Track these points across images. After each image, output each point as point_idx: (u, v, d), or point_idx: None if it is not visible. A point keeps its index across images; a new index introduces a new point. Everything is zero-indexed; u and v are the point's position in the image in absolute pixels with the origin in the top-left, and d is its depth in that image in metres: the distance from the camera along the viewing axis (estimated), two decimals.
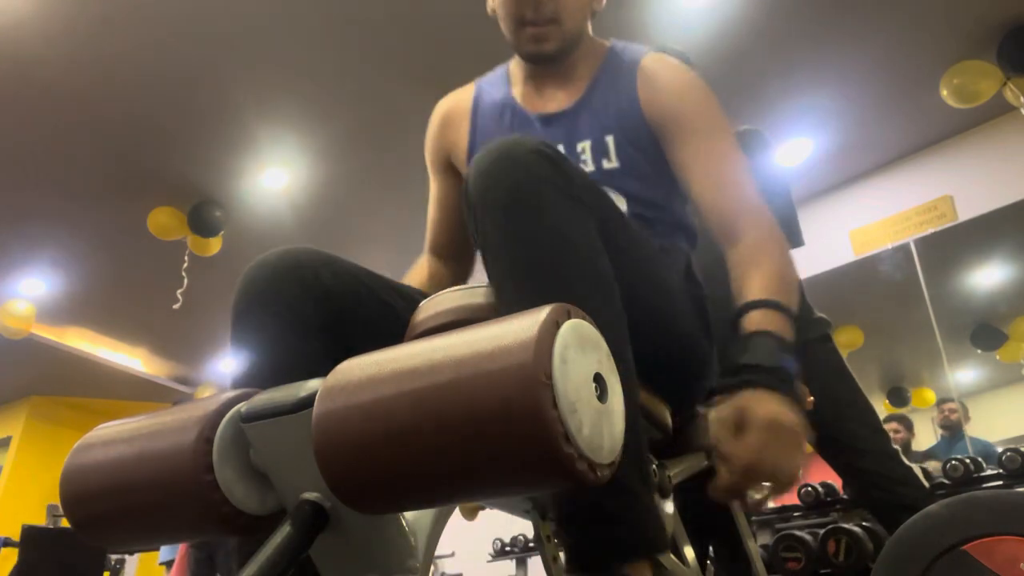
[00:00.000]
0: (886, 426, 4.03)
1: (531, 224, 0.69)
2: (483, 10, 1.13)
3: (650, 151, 1.02)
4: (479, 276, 1.22)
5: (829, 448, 1.80)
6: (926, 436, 3.84)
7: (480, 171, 0.73)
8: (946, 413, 3.68)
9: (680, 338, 0.90)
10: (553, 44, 1.04)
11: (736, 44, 3.23)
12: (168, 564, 4.06)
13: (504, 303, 0.71)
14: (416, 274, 1.21)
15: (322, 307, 0.82)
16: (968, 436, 3.64)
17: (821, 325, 1.87)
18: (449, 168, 1.19)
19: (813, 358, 1.78)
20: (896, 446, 1.76)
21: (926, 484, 1.74)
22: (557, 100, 1.08)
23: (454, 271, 1.22)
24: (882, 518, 1.79)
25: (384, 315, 0.89)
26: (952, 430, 3.66)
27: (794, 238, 1.85)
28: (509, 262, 0.70)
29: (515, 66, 1.15)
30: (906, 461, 1.74)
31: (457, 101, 1.19)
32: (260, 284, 0.82)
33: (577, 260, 0.69)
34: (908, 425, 3.68)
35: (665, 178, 1.03)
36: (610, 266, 0.72)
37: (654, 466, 0.81)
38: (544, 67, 1.09)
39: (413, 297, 0.94)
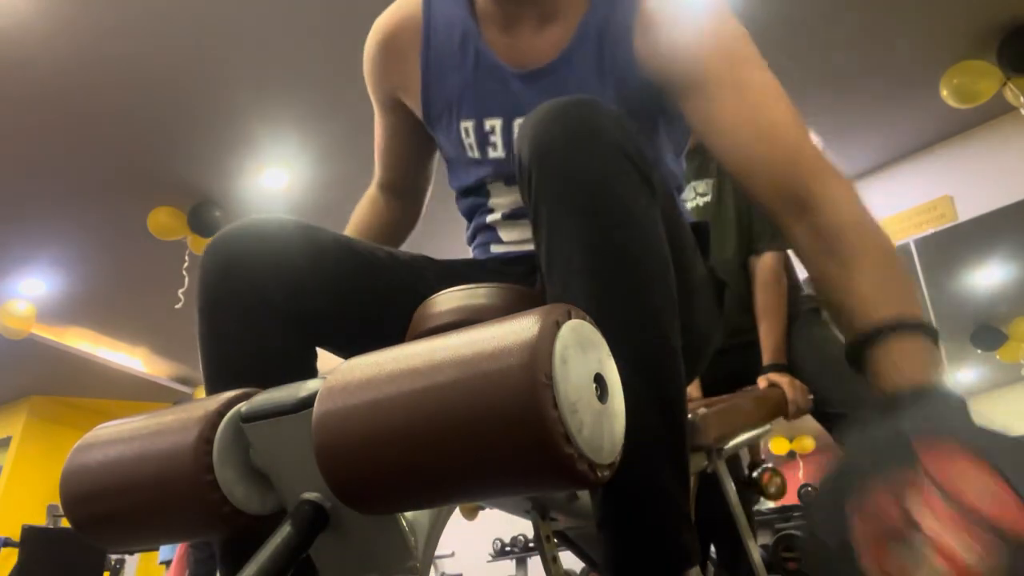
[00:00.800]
0: None
1: (616, 235, 0.60)
2: None
3: (651, 109, 0.86)
4: (432, 215, 1.18)
5: (840, 424, 1.76)
6: None
7: (550, 154, 0.61)
8: None
9: (698, 336, 0.81)
10: None
11: None
12: (168, 563, 4.07)
13: (555, 290, 0.63)
14: (365, 212, 1.12)
15: (297, 295, 0.76)
16: None
17: (811, 300, 1.84)
18: (398, 106, 1.00)
19: (810, 333, 1.75)
20: None
21: None
22: (537, 50, 0.87)
23: (405, 209, 1.14)
24: None
25: (368, 299, 0.84)
26: None
27: None
28: (589, 275, 0.60)
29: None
30: None
31: (401, 20, 0.96)
32: (231, 277, 0.74)
33: (658, 276, 0.61)
34: None
35: (662, 134, 0.89)
36: (674, 271, 0.64)
37: None
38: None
39: (402, 275, 0.88)
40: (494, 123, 0.89)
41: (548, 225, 0.62)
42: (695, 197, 1.90)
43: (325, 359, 0.82)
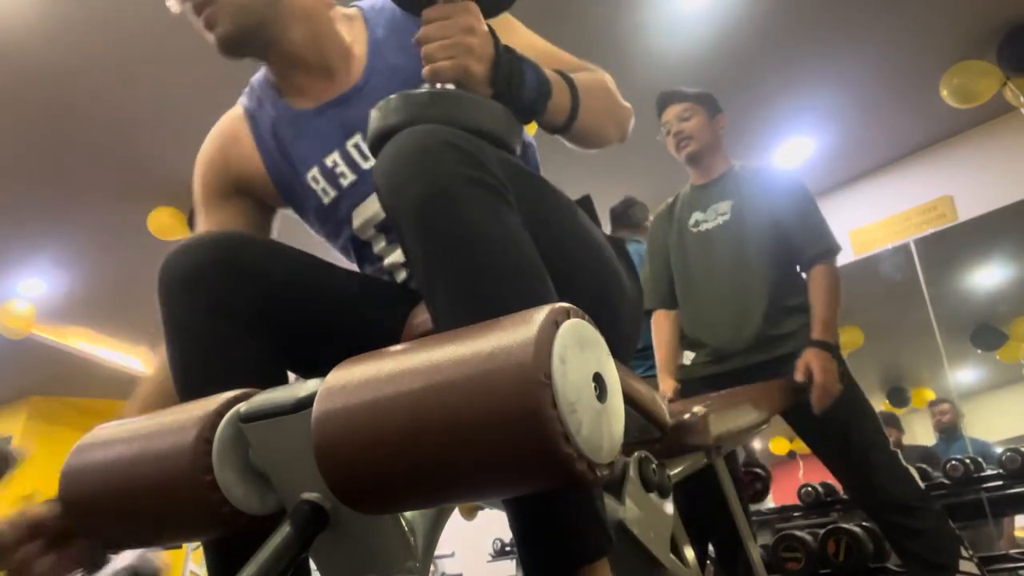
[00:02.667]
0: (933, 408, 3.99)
1: (448, 229, 0.62)
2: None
3: None
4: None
5: (831, 451, 1.80)
6: (926, 437, 3.84)
7: (389, 171, 0.65)
8: (938, 416, 3.67)
9: (619, 291, 0.83)
10: (223, 27, 0.89)
11: (736, 44, 3.23)
12: None
13: (435, 314, 0.65)
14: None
15: (260, 301, 0.77)
16: (969, 437, 3.64)
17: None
18: (242, 193, 1.03)
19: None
20: (895, 448, 1.76)
21: (921, 485, 1.74)
22: (337, 85, 0.96)
23: None
24: (875, 516, 1.79)
25: (333, 309, 0.85)
26: (948, 432, 3.65)
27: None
28: (429, 270, 0.63)
29: (269, 75, 1.01)
30: (903, 462, 1.73)
31: (232, 122, 1.06)
32: (192, 282, 0.74)
33: (498, 258, 0.62)
34: (896, 423, 3.69)
35: None
36: (534, 251, 0.66)
37: (654, 466, 0.81)
38: (257, 57, 0.96)
39: (366, 287, 0.90)
40: (333, 156, 0.96)
41: (413, 257, 0.64)
42: (716, 217, 1.96)
43: None
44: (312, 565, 0.66)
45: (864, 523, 2.32)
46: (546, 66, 0.82)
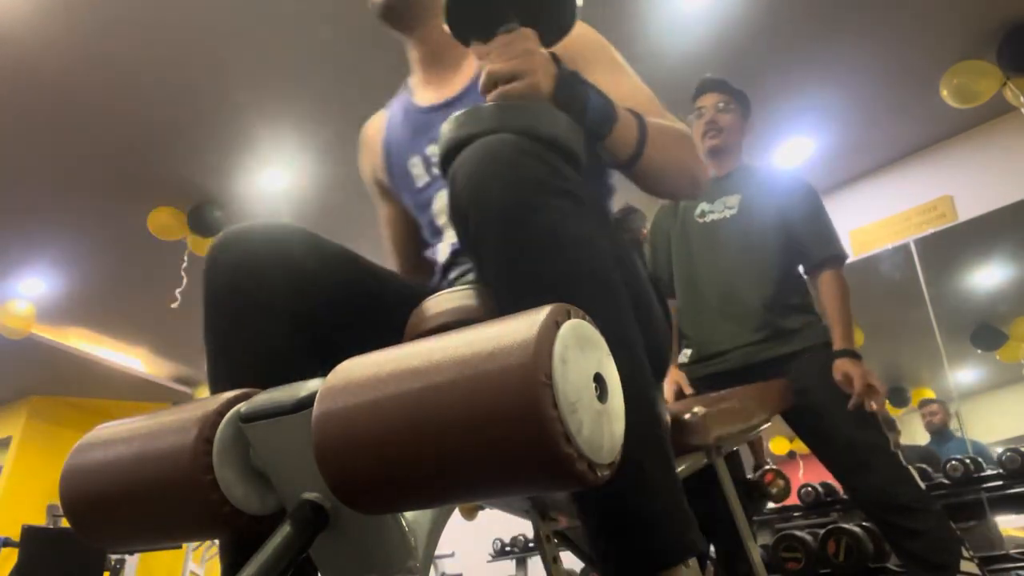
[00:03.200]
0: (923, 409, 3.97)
1: (529, 228, 0.64)
2: None
3: None
4: None
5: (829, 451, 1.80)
6: (926, 437, 3.84)
7: (467, 175, 0.67)
8: (928, 417, 3.67)
9: (657, 333, 0.86)
10: None
11: (736, 44, 3.23)
12: None
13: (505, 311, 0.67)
14: None
15: (305, 297, 0.78)
16: (969, 440, 3.63)
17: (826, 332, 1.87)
18: (385, 192, 1.19)
19: (823, 363, 1.77)
20: (895, 449, 1.76)
21: (922, 485, 1.74)
22: (450, 86, 1.06)
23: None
24: (874, 517, 1.79)
25: (372, 306, 0.86)
26: (939, 433, 3.64)
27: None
28: (510, 271, 0.64)
29: (411, 60, 1.14)
30: (904, 463, 1.73)
31: (372, 122, 1.21)
32: (239, 267, 0.76)
33: (579, 261, 0.65)
34: (892, 424, 3.68)
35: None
36: (611, 256, 0.68)
37: None
38: (405, 32, 1.08)
39: (401, 289, 0.91)
40: (432, 148, 1.05)
41: (472, 230, 0.67)
42: (723, 210, 1.96)
43: None
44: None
45: (864, 523, 2.32)
46: (622, 104, 0.85)
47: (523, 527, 3.83)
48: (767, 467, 2.27)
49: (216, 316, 0.76)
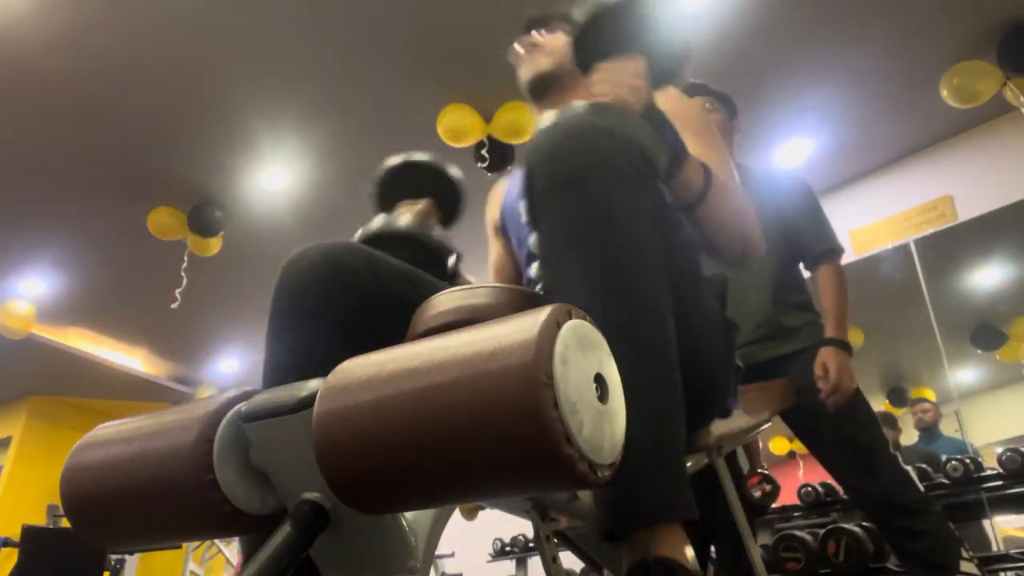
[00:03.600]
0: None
1: (595, 210, 0.67)
2: (483, 11, 1.13)
3: None
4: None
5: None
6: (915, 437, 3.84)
7: (545, 146, 0.71)
8: (919, 415, 3.68)
9: (699, 364, 0.84)
10: (538, 65, 1.26)
11: (736, 44, 3.23)
12: None
13: (557, 283, 0.69)
14: None
15: (361, 310, 0.83)
16: (947, 435, 3.65)
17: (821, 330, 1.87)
18: (499, 233, 1.39)
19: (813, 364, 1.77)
20: (894, 450, 1.76)
21: (920, 487, 1.74)
22: None
23: None
24: (875, 517, 1.79)
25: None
26: (928, 430, 3.66)
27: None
28: (569, 245, 0.68)
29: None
30: (902, 464, 1.73)
31: (504, 179, 1.41)
32: (300, 281, 0.83)
33: (637, 249, 0.68)
34: (893, 423, 3.69)
35: None
36: (662, 260, 0.71)
37: None
38: (546, 105, 1.25)
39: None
40: None
41: (545, 223, 0.71)
42: None
43: None
44: None
45: (864, 523, 2.32)
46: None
47: (523, 527, 3.83)
48: (758, 470, 2.27)
49: (275, 320, 0.82)
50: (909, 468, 1.74)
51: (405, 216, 1.12)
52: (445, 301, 0.78)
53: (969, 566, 1.60)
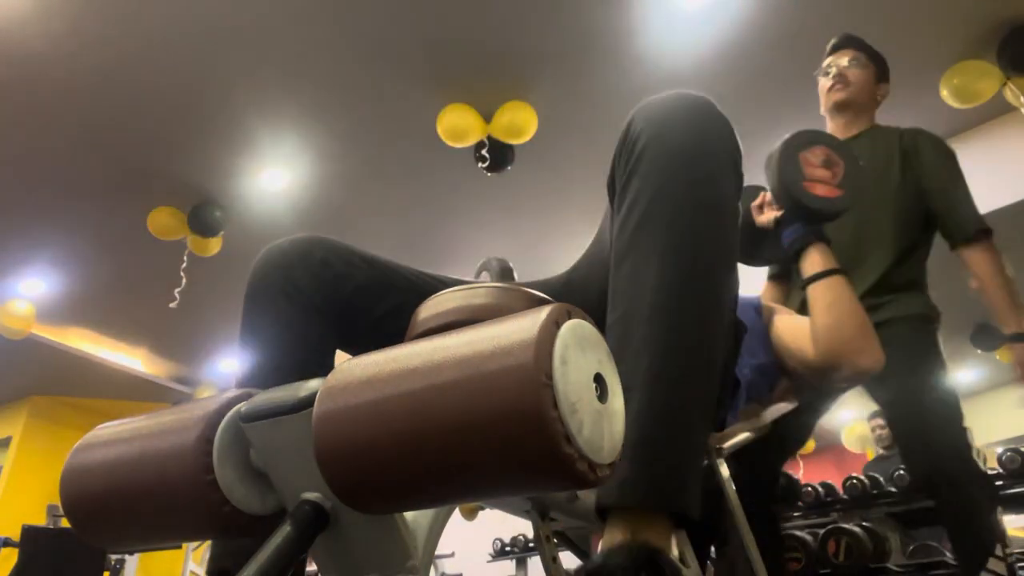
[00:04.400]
0: (872, 422, 3.97)
1: (702, 192, 0.65)
2: (482, 10, 1.12)
3: None
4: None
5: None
6: None
7: (661, 108, 0.67)
8: (879, 431, 3.67)
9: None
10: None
11: (735, 44, 3.23)
12: None
13: (630, 265, 0.66)
14: None
15: (332, 295, 0.85)
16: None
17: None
18: None
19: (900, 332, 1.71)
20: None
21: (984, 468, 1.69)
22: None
23: None
24: (933, 482, 1.66)
25: (396, 306, 0.90)
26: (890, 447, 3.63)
27: None
28: (652, 213, 0.64)
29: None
30: (971, 441, 1.69)
31: None
32: (270, 269, 0.84)
33: (726, 244, 0.66)
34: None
35: None
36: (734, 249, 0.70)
37: None
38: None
39: (427, 290, 0.93)
40: None
41: (641, 192, 0.66)
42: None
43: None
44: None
45: (864, 523, 2.32)
46: None
47: (523, 527, 3.83)
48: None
49: (249, 308, 0.84)
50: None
51: None
52: (445, 301, 0.78)
53: (999, 565, 1.57)
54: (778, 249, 1.23)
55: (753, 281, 1.81)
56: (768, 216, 1.25)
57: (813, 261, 1.12)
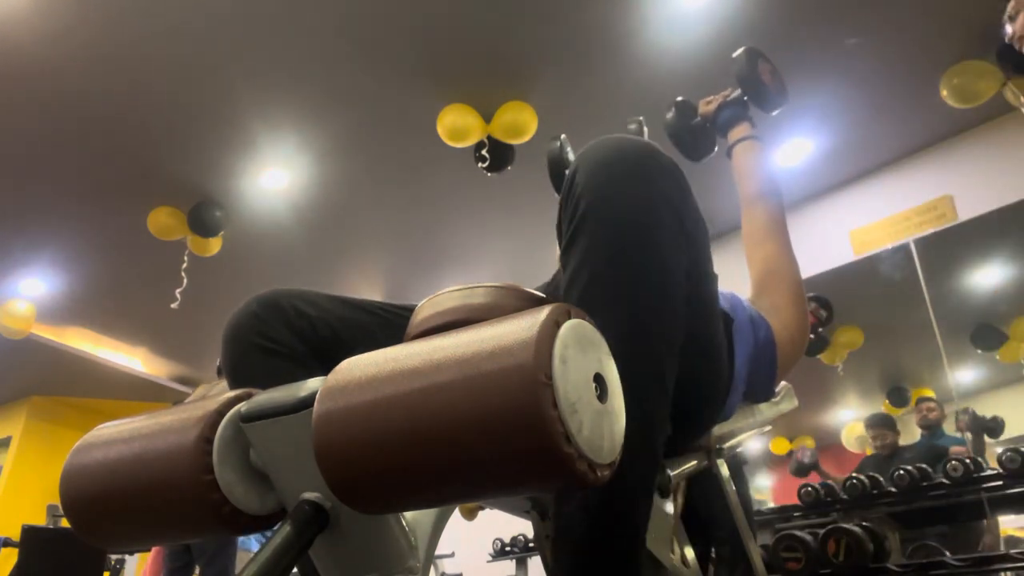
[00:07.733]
0: (870, 431, 4.00)
1: (641, 255, 0.65)
2: (481, 10, 1.11)
3: None
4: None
5: None
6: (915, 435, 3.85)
7: (605, 165, 0.68)
8: (924, 412, 3.70)
9: (710, 363, 0.85)
10: None
11: (735, 44, 3.22)
12: None
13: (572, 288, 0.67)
14: None
15: (308, 339, 0.87)
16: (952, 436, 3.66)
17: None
18: None
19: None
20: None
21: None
22: None
23: None
24: None
25: (365, 336, 0.93)
26: (931, 428, 3.67)
27: None
28: (599, 279, 0.65)
29: None
30: None
31: None
32: (245, 333, 0.86)
33: (672, 321, 0.67)
34: (892, 425, 3.70)
35: None
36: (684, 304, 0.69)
37: None
38: None
39: (388, 315, 0.97)
40: None
41: (581, 250, 0.67)
42: None
43: None
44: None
45: (864, 523, 2.32)
46: None
47: (523, 527, 3.83)
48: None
49: (228, 367, 0.87)
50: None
51: None
52: (444, 301, 0.78)
53: None
54: (715, 137, 1.55)
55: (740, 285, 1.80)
56: (713, 104, 1.57)
57: (739, 130, 1.49)
